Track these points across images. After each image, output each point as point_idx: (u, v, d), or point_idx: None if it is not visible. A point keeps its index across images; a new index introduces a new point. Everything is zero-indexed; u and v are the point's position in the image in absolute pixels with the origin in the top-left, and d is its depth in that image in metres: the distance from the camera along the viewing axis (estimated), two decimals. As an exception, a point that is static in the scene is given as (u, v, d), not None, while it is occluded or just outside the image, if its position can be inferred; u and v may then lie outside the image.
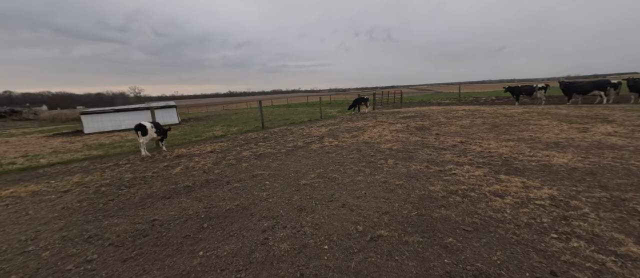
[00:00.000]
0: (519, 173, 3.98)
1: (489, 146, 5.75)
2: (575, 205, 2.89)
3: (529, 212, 2.82)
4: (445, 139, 6.83)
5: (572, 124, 7.62)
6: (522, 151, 5.19)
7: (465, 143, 6.21)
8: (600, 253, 2.09)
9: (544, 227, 2.52)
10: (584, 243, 2.22)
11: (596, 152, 4.80)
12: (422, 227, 2.72)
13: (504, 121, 8.99)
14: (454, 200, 3.26)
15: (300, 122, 13.18)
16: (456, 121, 9.74)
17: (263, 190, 4.07)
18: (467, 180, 3.87)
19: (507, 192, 3.35)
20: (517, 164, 4.43)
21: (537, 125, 7.79)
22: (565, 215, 2.70)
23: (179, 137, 10.96)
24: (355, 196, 3.61)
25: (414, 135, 7.65)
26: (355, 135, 8.27)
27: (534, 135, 6.53)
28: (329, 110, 19.44)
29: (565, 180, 3.61)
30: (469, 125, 8.73)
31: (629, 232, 2.35)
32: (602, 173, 3.76)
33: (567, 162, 4.37)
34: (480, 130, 7.74)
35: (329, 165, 5.15)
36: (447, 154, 5.35)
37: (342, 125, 10.71)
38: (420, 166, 4.66)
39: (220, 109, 42.10)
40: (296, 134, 9.31)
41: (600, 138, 5.84)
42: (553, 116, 9.38)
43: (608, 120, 7.99)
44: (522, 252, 2.21)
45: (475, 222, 2.72)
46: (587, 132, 6.53)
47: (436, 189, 3.60)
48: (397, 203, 3.30)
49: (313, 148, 6.83)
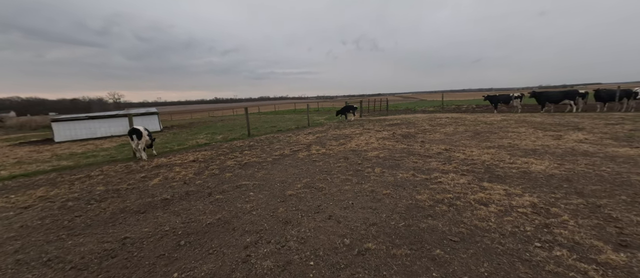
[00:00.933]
0: (501, 181, 4.07)
1: (472, 153, 5.89)
2: (555, 212, 2.96)
3: (513, 220, 2.86)
4: (430, 146, 6.95)
5: (546, 132, 8.01)
6: (502, 158, 5.35)
7: (450, 150, 6.34)
8: (582, 261, 2.12)
9: (527, 236, 2.55)
10: (566, 251, 2.25)
11: (570, 159, 5.03)
12: (410, 238, 2.67)
13: (485, 129, 9.33)
14: (440, 209, 3.25)
15: (288, 129, 13.04)
16: (440, 128, 10.00)
17: (247, 202, 3.89)
18: (453, 188, 3.90)
19: (491, 200, 3.40)
20: (499, 171, 4.54)
21: (515, 133, 8.12)
22: (547, 223, 2.75)
23: (160, 145, 10.47)
24: (343, 206, 3.53)
25: (400, 142, 7.74)
26: (342, 143, 8.25)
27: (512, 143, 6.78)
28: (317, 118, 19.44)
29: (544, 187, 3.73)
30: (452, 132, 8.98)
31: (607, 239, 2.41)
32: (577, 180, 3.92)
33: (544, 168, 4.54)
34: (463, 137, 7.96)
35: (315, 174, 5.05)
36: (433, 162, 5.42)
37: (329, 133, 10.68)
38: (407, 174, 4.67)
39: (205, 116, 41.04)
40: (283, 142, 9.16)
41: (573, 145, 6.15)
42: (529, 124, 9.86)
43: (578, 128, 8.49)
44: (508, 262, 2.20)
45: (462, 232, 2.71)
46: (561, 139, 6.88)
47: (423, 198, 3.59)
48: (384, 213, 3.25)
49: (300, 156, 6.71)
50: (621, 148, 5.61)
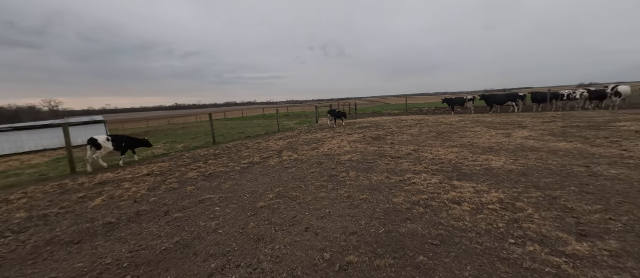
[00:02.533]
0: (468, 179, 4.25)
1: (439, 153, 6.16)
2: (521, 206, 3.12)
3: (486, 218, 2.93)
4: (400, 147, 7.13)
5: (498, 130, 8.83)
6: (466, 157, 5.66)
7: (418, 151, 6.55)
8: (554, 255, 2.20)
9: (501, 233, 2.60)
10: (538, 246, 2.33)
11: (522, 155, 5.53)
12: (392, 246, 2.55)
13: (446, 129, 9.97)
14: (418, 211, 3.22)
15: (257, 135, 12.45)
16: (407, 130, 10.43)
17: (212, 219, 3.45)
18: (426, 188, 3.94)
19: (462, 198, 3.48)
20: (465, 169, 4.76)
21: (472, 132, 8.80)
22: (516, 218, 2.87)
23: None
24: (319, 216, 3.30)
25: (372, 145, 7.82)
26: (315, 147, 8.06)
27: (472, 141, 7.29)
28: (287, 122, 19.04)
29: (506, 183, 3.97)
30: (418, 133, 9.40)
31: (569, 229, 2.57)
32: (532, 174, 4.26)
33: (503, 165, 4.88)
34: (428, 138, 8.36)
35: (289, 183, 4.76)
36: (404, 163, 5.51)
37: (301, 138, 10.43)
38: (382, 177, 4.64)
39: (164, 124, 37.56)
40: (252, 149, 8.64)
41: (521, 142, 6.82)
42: (482, 124, 10.82)
43: (522, 126, 9.53)
44: (489, 263, 2.19)
45: (441, 234, 2.68)
46: (510, 136, 7.60)
47: (400, 201, 3.54)
48: (363, 220, 3.10)
49: (271, 164, 6.34)
50: (559, 143, 6.37)
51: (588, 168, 4.31)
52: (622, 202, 3.04)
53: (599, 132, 7.30)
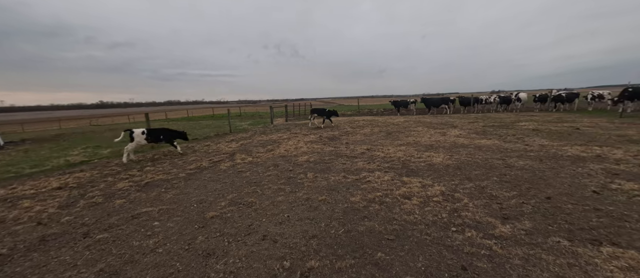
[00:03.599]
0: (415, 174, 4.64)
1: (389, 151, 6.60)
2: (458, 197, 3.54)
3: (432, 209, 3.22)
4: (355, 147, 7.41)
5: (436, 130, 9.99)
6: (412, 154, 6.21)
7: (371, 150, 6.91)
8: (486, 238, 2.53)
9: (445, 223, 2.89)
10: (474, 231, 2.65)
11: (456, 150, 6.34)
12: (351, 245, 2.57)
13: (394, 129, 10.83)
14: (373, 208, 3.34)
15: (205, 137, 11.38)
16: (360, 130, 10.95)
17: (149, 236, 2.95)
18: (380, 186, 4.15)
19: (412, 193, 3.77)
20: (412, 166, 5.21)
21: (415, 131, 9.76)
22: (455, 208, 3.23)
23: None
24: (278, 222, 3.14)
25: (328, 145, 7.94)
26: (270, 149, 7.77)
27: (416, 140, 8.06)
28: (240, 123, 17.99)
29: (446, 176, 4.47)
30: (370, 133, 9.96)
31: (495, 214, 3.01)
32: (465, 167, 4.91)
33: (442, 160, 5.50)
34: (379, 137, 8.92)
35: (243, 188, 4.43)
36: (359, 162, 5.73)
37: (255, 139, 9.94)
38: (339, 177, 4.71)
39: (84, 125, 31.28)
40: (200, 152, 7.84)
41: (454, 139, 7.84)
42: (423, 124, 12.11)
43: (454, 125, 11.01)
44: (437, 252, 2.39)
45: (396, 228, 2.83)
46: (446, 135, 8.68)
47: (357, 200, 3.64)
48: (323, 222, 3.07)
49: (222, 168, 5.83)
50: (482, 140, 7.53)
51: (504, 161, 5.19)
52: (530, 188, 3.73)
53: (508, 130, 8.91)
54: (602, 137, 7.04)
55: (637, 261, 2.08)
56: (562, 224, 2.70)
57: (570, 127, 8.91)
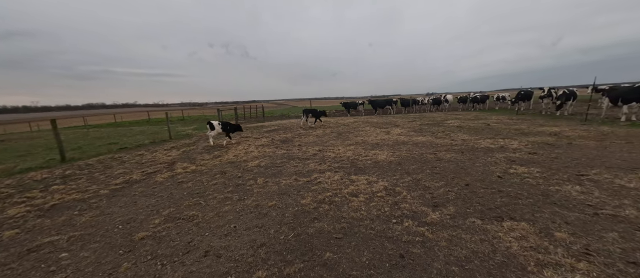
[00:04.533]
0: (362, 172, 4.93)
1: (339, 151, 6.86)
2: (399, 191, 3.89)
3: (376, 205, 3.45)
4: (307, 149, 7.48)
5: (381, 129, 10.83)
6: (360, 153, 6.59)
7: (323, 151, 7.07)
8: (420, 226, 2.84)
9: (387, 216, 3.13)
10: (410, 221, 2.94)
11: (397, 148, 6.98)
12: (301, 249, 2.57)
13: (344, 129, 11.33)
14: (323, 209, 3.41)
15: (138, 145, 9.92)
16: (312, 132, 11.11)
17: (53, 273, 2.39)
18: (330, 186, 4.27)
19: (359, 190, 3.98)
20: (360, 164, 5.51)
21: (363, 131, 10.40)
22: (396, 201, 3.53)
23: None
24: (223, 234, 2.93)
25: (280, 148, 7.81)
26: (217, 155, 7.23)
27: (364, 139, 8.58)
28: (182, 128, 16.26)
29: (388, 172, 4.87)
30: (321, 134, 10.19)
31: (427, 203, 3.40)
32: (404, 163, 5.43)
33: (386, 157, 5.98)
34: (330, 138, 9.20)
35: (183, 200, 4.00)
36: (311, 163, 5.79)
37: (200, 145, 9.12)
38: (290, 180, 4.67)
39: (-43, 136, 23.63)
40: (130, 164, 6.79)
41: (396, 137, 8.62)
42: (371, 124, 13.00)
43: (396, 125, 12.12)
44: (380, 244, 2.57)
45: (344, 227, 2.94)
46: (389, 134, 9.49)
47: (307, 202, 3.66)
48: (272, 228, 2.99)
49: (158, 180, 5.16)
50: (418, 137, 8.48)
51: (435, 155, 5.93)
52: (454, 177, 4.34)
53: (439, 128, 10.25)
54: (505, 131, 8.70)
55: (526, 231, 2.61)
56: (477, 206, 3.22)
57: (483, 124, 10.75)
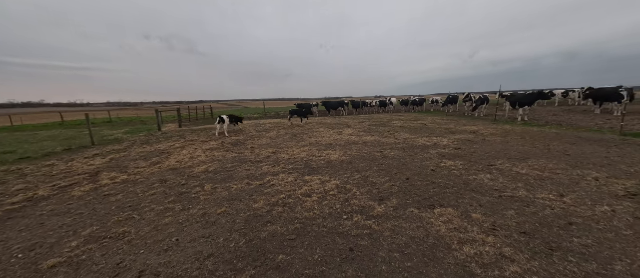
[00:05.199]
0: (316, 173, 5.04)
1: (293, 153, 6.87)
2: (349, 188, 4.10)
3: (328, 203, 3.58)
4: (260, 151, 7.26)
5: (334, 130, 11.25)
6: (314, 154, 6.72)
7: (277, 153, 6.97)
8: (368, 220, 3.05)
9: (338, 213, 3.28)
10: (359, 216, 3.14)
11: (349, 147, 7.35)
12: (252, 255, 2.49)
13: (299, 131, 11.38)
14: (277, 212, 3.37)
15: (47, 154, 8.09)
16: (266, 133, 10.84)
17: None
18: (284, 188, 4.24)
19: (312, 191, 4.06)
20: (314, 165, 5.62)
21: (317, 133, 10.63)
22: (347, 198, 3.72)
23: None
24: (162, 249, 2.63)
25: (231, 151, 7.40)
26: (156, 162, 6.43)
27: (318, 140, 8.78)
28: (110, 132, 13.92)
29: (340, 171, 5.09)
30: (276, 136, 10.03)
31: (375, 198, 3.68)
32: (355, 162, 5.76)
33: (338, 157, 6.24)
34: (284, 140, 9.13)
35: (111, 216, 3.44)
36: (264, 166, 5.65)
37: (133, 151, 7.96)
38: (242, 184, 4.47)
39: None
40: (34, 177, 5.50)
41: (348, 138, 9.07)
42: (325, 125, 13.36)
43: (348, 125, 12.75)
44: (332, 241, 2.68)
45: (297, 227, 2.96)
46: (342, 134, 9.93)
47: (260, 206, 3.56)
48: (222, 237, 2.82)
49: (76, 194, 4.32)
50: (368, 137, 9.09)
51: (381, 153, 6.45)
52: (397, 173, 4.80)
53: (385, 128, 11.17)
54: (437, 130, 10.02)
55: (452, 215, 3.07)
56: (415, 197, 3.64)
57: (421, 124, 12.16)
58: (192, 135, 11.17)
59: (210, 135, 11.11)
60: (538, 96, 12.70)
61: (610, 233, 2.55)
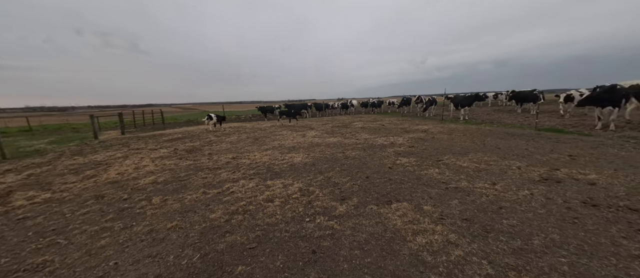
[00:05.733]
0: (279, 176, 4.93)
1: (255, 157, 6.63)
2: (312, 190, 4.11)
3: (291, 207, 3.52)
4: (219, 157, 6.83)
5: (297, 133, 11.20)
6: (276, 157, 6.58)
7: (237, 158, 6.64)
8: (331, 220, 3.09)
9: (301, 216, 3.25)
10: (322, 217, 3.16)
11: (312, 149, 7.39)
12: (208, 270, 2.30)
13: (261, 134, 11.05)
14: (236, 220, 3.20)
15: None
16: (226, 138, 10.26)
17: None
18: (244, 194, 4.05)
19: (274, 195, 3.96)
20: (276, 168, 5.50)
21: (281, 135, 10.46)
22: (309, 200, 3.72)
23: None
24: (96, 276, 2.26)
25: (185, 159, 6.80)
26: (90, 175, 5.56)
27: (281, 143, 8.63)
28: (29, 143, 11.60)
29: (303, 173, 5.08)
30: (236, 141, 9.57)
31: (337, 198, 3.75)
32: (318, 163, 5.81)
33: (301, 160, 6.22)
34: (246, 144, 8.76)
35: (26, 244, 2.85)
36: (223, 173, 5.32)
37: (60, 164, 6.77)
38: (197, 194, 4.13)
39: None
40: None
41: (311, 140, 9.12)
42: (288, 128, 13.23)
43: (312, 128, 12.84)
44: (294, 245, 2.63)
45: (258, 235, 2.85)
46: (305, 136, 9.94)
47: (218, 216, 3.33)
48: (172, 254, 2.55)
49: (-25, 222, 3.47)
50: (330, 138, 9.27)
51: (343, 154, 6.63)
52: (358, 172, 4.98)
53: (347, 129, 11.54)
54: (394, 130, 10.73)
55: (406, 209, 3.29)
56: (374, 194, 3.81)
57: (379, 125, 12.88)
58: (138, 143, 9.98)
59: (160, 142, 10.07)
60: (475, 98, 14.58)
61: (530, 213, 3.03)
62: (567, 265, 2.15)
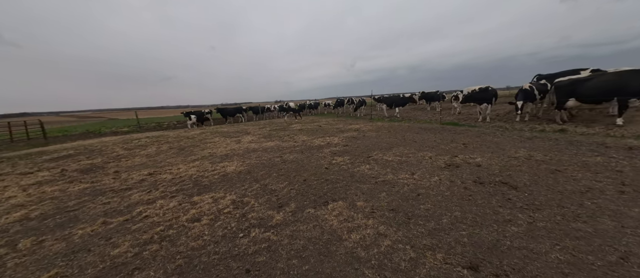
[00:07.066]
0: (208, 190, 4.40)
1: (179, 170, 5.76)
2: (247, 201, 3.81)
3: (222, 223, 3.16)
4: (129, 174, 5.64)
5: (232, 138, 10.39)
6: (206, 168, 5.89)
7: (155, 174, 5.63)
8: (266, 231, 2.90)
9: (234, 232, 2.94)
10: (257, 229, 2.94)
11: (248, 156, 6.94)
12: (105, 326, 1.79)
13: (188, 143, 9.76)
14: (150, 251, 2.64)
15: None
16: (140, 151, 8.61)
17: None
18: (163, 217, 3.42)
19: (202, 213, 3.49)
20: (205, 181, 4.90)
21: (212, 143, 9.48)
22: (244, 212, 3.42)
23: None
24: None
25: (78, 182, 5.34)
26: None
27: (212, 152, 7.81)
28: None
29: (238, 184, 4.68)
30: (155, 153, 8.15)
31: (274, 206, 3.57)
32: (254, 170, 5.47)
33: (235, 168, 5.74)
34: (168, 156, 7.55)
35: None
36: (134, 194, 4.40)
37: None
38: (92, 228, 3.25)
39: None
40: None
41: (247, 145, 8.59)
42: (220, 134, 12.13)
43: (248, 132, 12.14)
44: (225, 267, 2.34)
45: (180, 264, 2.42)
46: (240, 142, 9.30)
47: (122, 250, 2.68)
48: (47, 317, 1.88)
49: None
50: (268, 142, 8.94)
51: (281, 158, 6.47)
52: (296, 175, 4.91)
53: (285, 132, 11.39)
54: (330, 130, 11.19)
55: (342, 208, 3.40)
56: (311, 197, 3.81)
57: (317, 126, 13.23)
58: (0, 166, 7.33)
59: (38, 162, 7.66)
60: (409, 99, 16.72)
61: (439, 197, 3.57)
62: (467, 237, 2.60)
